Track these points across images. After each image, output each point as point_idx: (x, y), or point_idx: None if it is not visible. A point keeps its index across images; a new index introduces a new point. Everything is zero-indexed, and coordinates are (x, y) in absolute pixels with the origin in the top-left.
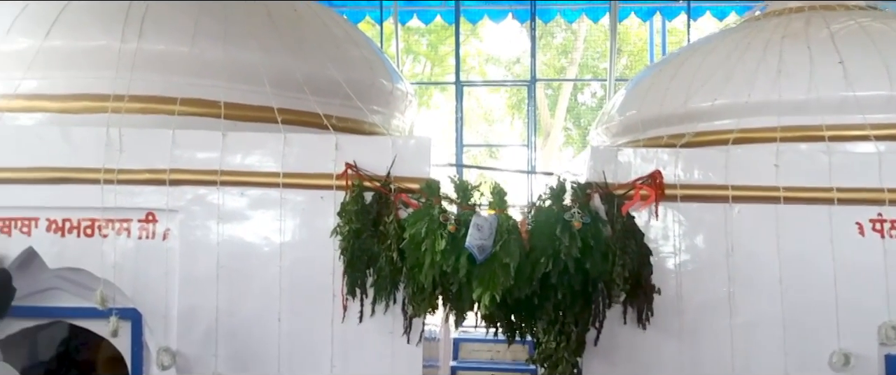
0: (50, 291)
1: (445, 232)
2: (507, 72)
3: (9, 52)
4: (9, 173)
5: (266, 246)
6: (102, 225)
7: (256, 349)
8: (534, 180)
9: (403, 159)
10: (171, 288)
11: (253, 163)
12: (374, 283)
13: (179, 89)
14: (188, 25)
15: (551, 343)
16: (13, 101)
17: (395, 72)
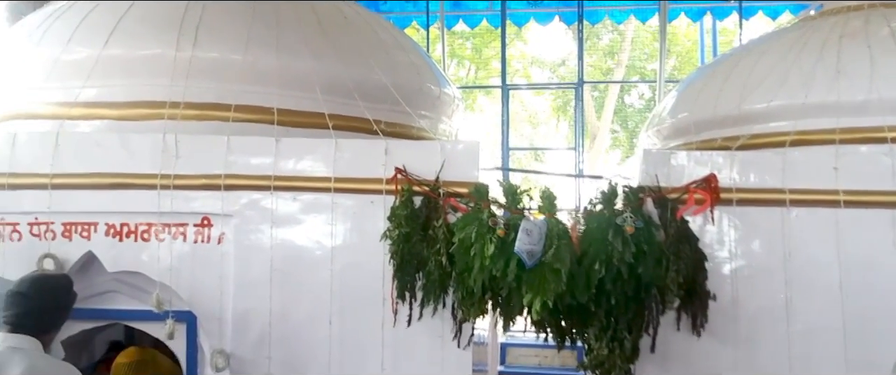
0: (108, 294)
1: (494, 237)
2: (552, 74)
3: (69, 62)
4: (70, 179)
5: (317, 250)
6: (159, 229)
7: (308, 352)
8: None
9: (452, 163)
10: (225, 291)
11: (305, 169)
12: (424, 287)
13: (233, 96)
14: (241, 33)
15: (603, 350)
16: (73, 109)
17: (442, 77)
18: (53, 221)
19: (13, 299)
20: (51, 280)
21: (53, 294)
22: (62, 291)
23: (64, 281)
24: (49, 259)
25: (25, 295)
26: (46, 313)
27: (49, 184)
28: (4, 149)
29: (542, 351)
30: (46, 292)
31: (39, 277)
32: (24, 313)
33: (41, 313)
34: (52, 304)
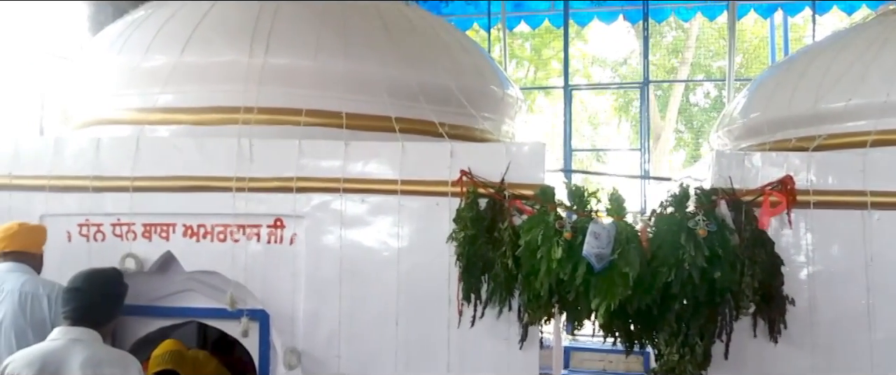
0: (185, 293)
1: (561, 240)
2: (614, 73)
3: (148, 69)
4: (149, 182)
5: (385, 251)
6: (234, 230)
7: (376, 351)
8: (646, 186)
9: (517, 165)
10: (297, 290)
11: (372, 171)
12: (490, 290)
13: (304, 101)
14: (311, 39)
15: (674, 355)
16: (152, 115)
17: (505, 79)
18: (134, 222)
19: (69, 295)
20: (102, 274)
21: (105, 287)
22: (113, 284)
23: (114, 274)
24: (130, 258)
25: (80, 289)
26: (101, 305)
27: (130, 187)
28: (89, 153)
29: (606, 356)
30: (99, 286)
31: (91, 272)
32: (80, 307)
33: (96, 306)
34: (105, 297)
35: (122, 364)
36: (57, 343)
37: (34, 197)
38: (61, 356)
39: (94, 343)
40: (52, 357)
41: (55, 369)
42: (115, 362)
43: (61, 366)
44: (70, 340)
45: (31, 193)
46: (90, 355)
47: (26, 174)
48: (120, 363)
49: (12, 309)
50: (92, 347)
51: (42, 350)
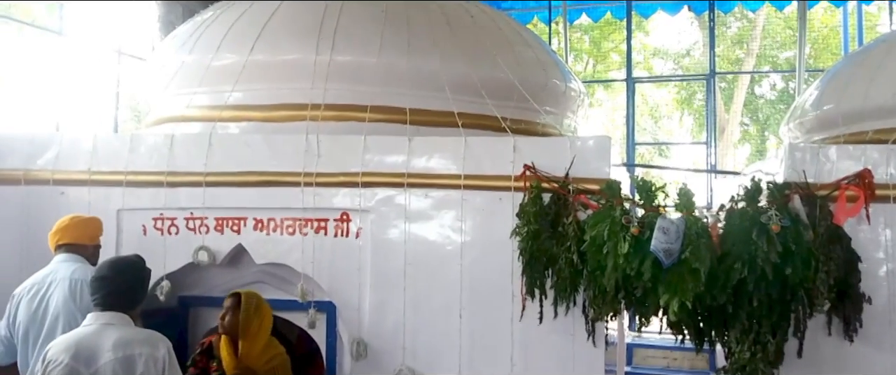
0: (255, 284)
1: (628, 235)
2: (676, 65)
3: (219, 68)
4: (221, 177)
5: (448, 245)
6: (302, 224)
7: (440, 343)
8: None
9: (582, 159)
10: (363, 283)
11: (436, 166)
12: (554, 285)
13: (369, 97)
14: (375, 37)
15: (745, 353)
16: (223, 112)
17: (567, 72)
18: (207, 216)
19: (97, 283)
20: (125, 261)
21: (130, 273)
22: (137, 269)
23: (137, 260)
24: (203, 251)
25: (107, 277)
26: (128, 290)
27: (203, 182)
28: (163, 149)
29: (670, 353)
30: (124, 272)
31: (116, 260)
32: (108, 293)
33: (122, 291)
34: (131, 282)
35: (151, 343)
36: (90, 328)
37: (111, 192)
38: (94, 339)
39: (123, 326)
40: (86, 341)
41: (90, 352)
42: (145, 341)
43: (95, 349)
44: (101, 324)
45: (109, 188)
46: (121, 336)
47: (104, 170)
48: (149, 341)
49: (64, 296)
50: (122, 329)
51: (77, 336)
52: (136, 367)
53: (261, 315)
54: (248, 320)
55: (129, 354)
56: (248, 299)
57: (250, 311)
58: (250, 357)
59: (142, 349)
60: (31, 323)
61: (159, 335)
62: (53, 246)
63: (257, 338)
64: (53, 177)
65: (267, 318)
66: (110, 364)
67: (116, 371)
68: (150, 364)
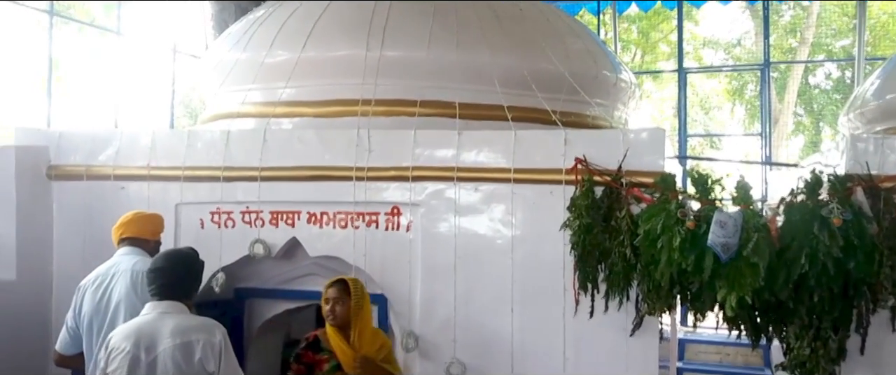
0: (309, 277)
1: (684, 229)
2: (727, 55)
3: (272, 65)
4: (276, 172)
5: (498, 239)
6: (354, 217)
7: (491, 338)
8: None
9: (635, 152)
10: (414, 276)
11: (485, 160)
12: (607, 279)
13: (418, 92)
14: (424, 32)
15: (805, 349)
16: (277, 108)
17: (617, 63)
18: (262, 210)
19: (154, 274)
20: (180, 253)
21: (185, 264)
22: (191, 260)
23: (190, 252)
24: (259, 244)
25: (163, 269)
26: (183, 280)
27: (258, 177)
28: (219, 145)
29: (723, 348)
30: (179, 263)
31: (171, 252)
32: (165, 283)
33: (178, 281)
34: (185, 272)
35: (208, 329)
36: (149, 316)
37: (170, 186)
38: (154, 327)
39: (180, 314)
40: (146, 328)
41: (149, 339)
42: (202, 327)
43: (155, 336)
44: (159, 313)
45: (167, 183)
46: (178, 323)
47: (162, 165)
48: (205, 328)
49: (125, 287)
50: (179, 317)
51: (137, 324)
52: (195, 353)
53: (368, 301)
54: (359, 307)
55: (187, 340)
56: (356, 286)
57: (360, 298)
58: (363, 346)
59: (199, 335)
60: (95, 314)
61: (214, 322)
62: (117, 239)
63: (367, 326)
64: (114, 173)
65: (369, 304)
66: (169, 351)
67: (176, 357)
68: (208, 350)
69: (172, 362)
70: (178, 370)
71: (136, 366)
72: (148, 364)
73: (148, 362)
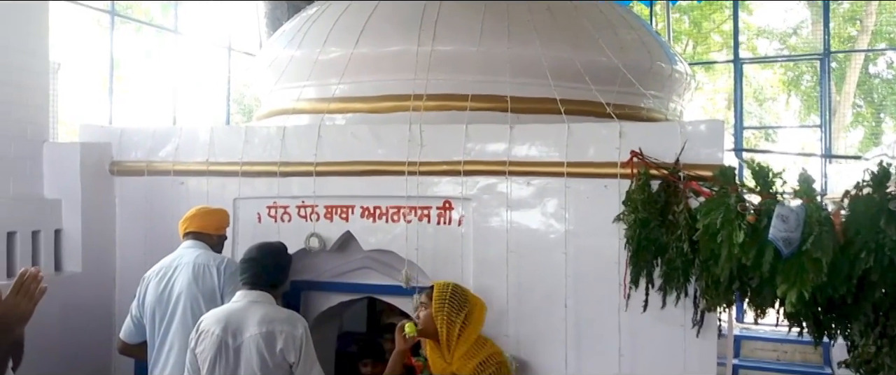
0: (362, 270)
1: (744, 223)
2: (782, 45)
3: (326, 61)
4: (330, 167)
5: (551, 234)
6: (406, 212)
7: (545, 332)
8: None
9: (693, 145)
10: (465, 270)
11: (538, 153)
12: (664, 274)
13: (470, 86)
14: (475, 26)
15: (870, 347)
16: (331, 104)
17: (672, 54)
18: (317, 204)
19: (246, 265)
20: (270, 246)
21: (274, 256)
22: (281, 254)
23: (280, 245)
24: (314, 237)
25: (255, 259)
26: (272, 271)
27: (313, 172)
28: (276, 141)
29: (780, 346)
30: (269, 255)
31: (263, 245)
32: (255, 273)
33: (268, 272)
34: (274, 264)
35: (291, 321)
36: (239, 304)
37: (228, 181)
38: (242, 314)
39: (268, 304)
40: (235, 315)
41: (237, 325)
42: (286, 319)
43: (242, 323)
44: (249, 302)
45: (225, 178)
46: (265, 313)
47: (221, 161)
48: (289, 320)
49: (187, 279)
50: (266, 307)
51: (227, 310)
52: (277, 343)
53: (461, 309)
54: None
55: (271, 330)
56: (443, 291)
57: (443, 303)
58: (455, 360)
59: (283, 326)
60: (158, 304)
61: (298, 315)
62: (182, 232)
63: (467, 338)
64: (174, 168)
65: (474, 313)
66: (254, 338)
67: (259, 345)
68: (289, 341)
69: (256, 349)
70: (261, 357)
71: (222, 350)
72: (234, 349)
73: (234, 347)
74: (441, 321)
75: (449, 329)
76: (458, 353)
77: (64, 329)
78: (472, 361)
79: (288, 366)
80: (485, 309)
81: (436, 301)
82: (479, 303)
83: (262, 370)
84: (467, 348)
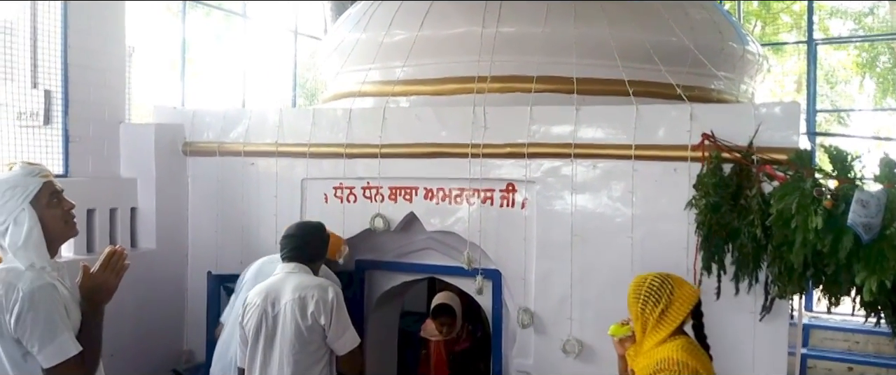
0: (424, 251)
1: (821, 209)
2: (857, 25)
3: (391, 44)
4: (394, 149)
5: (618, 218)
6: (469, 194)
7: (610, 317)
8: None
9: (767, 127)
10: (528, 253)
11: (605, 136)
12: (735, 260)
13: (535, 68)
14: (540, 7)
15: None
16: (395, 87)
17: (743, 34)
18: (382, 186)
19: (286, 241)
20: (308, 224)
21: (312, 233)
22: (317, 231)
23: (317, 224)
24: (379, 218)
25: (294, 236)
26: (309, 246)
27: (378, 154)
28: (342, 123)
29: (852, 336)
30: (307, 232)
31: (301, 223)
32: (294, 247)
33: (304, 247)
34: (310, 239)
35: (322, 287)
36: (278, 276)
37: (296, 162)
38: (280, 285)
39: (303, 274)
40: (275, 286)
41: (276, 295)
42: (317, 286)
43: (279, 292)
44: (286, 273)
45: (294, 159)
46: (299, 281)
47: (289, 142)
48: (320, 286)
49: None
50: (301, 276)
51: (268, 283)
52: (309, 306)
53: (657, 302)
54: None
55: (304, 295)
56: (638, 282)
57: (639, 296)
58: (638, 360)
59: (314, 291)
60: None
61: (330, 282)
62: None
63: (650, 337)
64: (244, 150)
65: (672, 308)
66: (289, 304)
67: (294, 309)
68: (320, 305)
69: (291, 314)
70: (295, 321)
71: (263, 318)
72: (273, 317)
73: (273, 315)
74: (635, 314)
75: (642, 323)
76: (643, 349)
77: (139, 303)
78: (648, 361)
79: (321, 329)
80: (691, 299)
81: (631, 293)
82: (684, 294)
83: (296, 334)
84: (653, 343)
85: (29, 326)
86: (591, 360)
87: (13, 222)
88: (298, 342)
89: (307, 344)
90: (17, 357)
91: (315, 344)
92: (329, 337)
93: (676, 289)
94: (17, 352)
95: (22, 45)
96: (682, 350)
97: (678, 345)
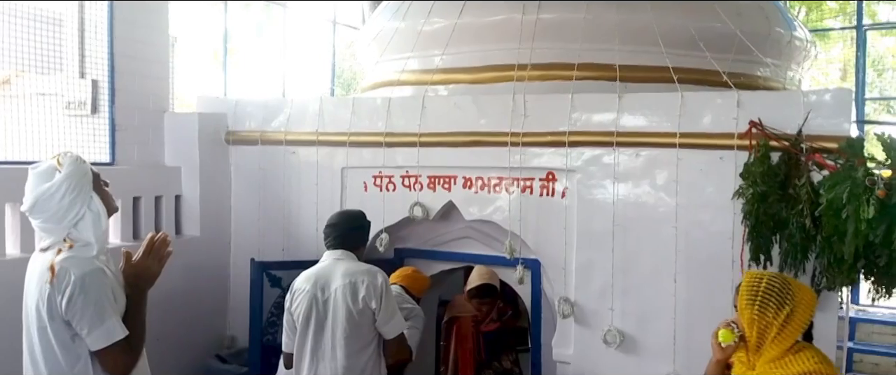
0: (463, 239)
1: (873, 198)
2: None
3: (429, 33)
4: (433, 137)
5: (661, 207)
6: (509, 183)
7: (652, 308)
8: None
9: (817, 115)
10: (569, 242)
11: (648, 124)
12: (783, 251)
13: (576, 55)
14: None
15: None
16: (434, 75)
17: (790, 20)
18: (421, 174)
19: (329, 230)
20: (350, 212)
21: (354, 221)
22: (359, 219)
23: (359, 212)
24: (418, 206)
25: (337, 224)
26: (352, 234)
27: (417, 142)
28: (381, 111)
29: None
30: (349, 221)
31: (343, 211)
32: (337, 235)
33: (348, 234)
34: (353, 227)
35: (371, 273)
36: (325, 263)
37: (336, 151)
38: (328, 271)
39: (349, 261)
40: (323, 272)
41: (325, 280)
42: (366, 271)
43: (329, 278)
44: (333, 260)
45: (334, 148)
46: (348, 267)
47: (329, 131)
48: (369, 272)
49: None
50: (349, 263)
51: (316, 269)
52: (360, 291)
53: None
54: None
55: (354, 281)
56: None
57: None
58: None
59: (364, 277)
60: None
61: (377, 268)
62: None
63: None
64: (285, 138)
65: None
66: (340, 289)
67: (345, 294)
68: (371, 290)
69: (342, 299)
70: (346, 305)
71: (313, 303)
72: (323, 302)
73: (323, 300)
74: (750, 318)
75: (761, 329)
76: (764, 358)
77: (183, 289)
78: (779, 371)
79: (371, 313)
80: (814, 303)
81: (744, 294)
82: (807, 298)
83: (347, 318)
84: (777, 353)
85: (79, 309)
86: (632, 351)
87: (88, 209)
88: (350, 326)
89: (358, 327)
90: (65, 339)
91: (365, 328)
92: (378, 321)
93: (797, 292)
94: (67, 334)
95: (70, 36)
96: (823, 363)
97: (816, 357)
